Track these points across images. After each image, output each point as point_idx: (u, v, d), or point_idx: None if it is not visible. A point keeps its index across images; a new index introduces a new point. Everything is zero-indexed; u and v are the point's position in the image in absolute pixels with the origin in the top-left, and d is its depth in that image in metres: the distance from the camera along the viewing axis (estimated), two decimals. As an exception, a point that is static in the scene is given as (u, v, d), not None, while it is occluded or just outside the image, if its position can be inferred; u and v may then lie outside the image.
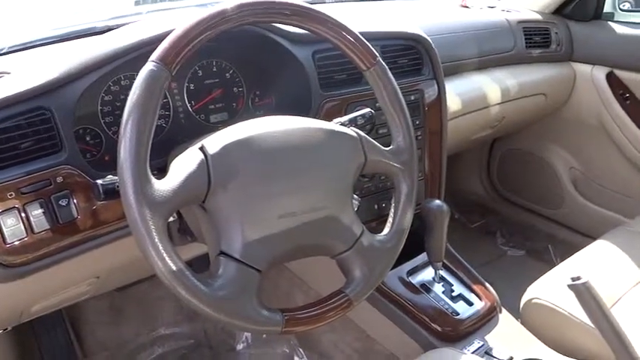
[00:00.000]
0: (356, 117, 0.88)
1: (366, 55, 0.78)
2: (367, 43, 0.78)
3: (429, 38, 1.17)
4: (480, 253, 1.82)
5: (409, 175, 0.81)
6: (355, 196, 0.79)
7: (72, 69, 0.74)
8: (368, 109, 0.90)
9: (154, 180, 0.60)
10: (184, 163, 0.64)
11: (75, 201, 0.74)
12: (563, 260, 1.25)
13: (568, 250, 1.48)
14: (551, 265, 1.75)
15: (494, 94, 1.51)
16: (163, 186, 0.60)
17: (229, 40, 0.95)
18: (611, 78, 1.65)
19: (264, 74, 1.03)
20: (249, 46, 0.98)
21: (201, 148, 0.65)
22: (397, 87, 0.81)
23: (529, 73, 1.65)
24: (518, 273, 1.75)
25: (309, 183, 0.70)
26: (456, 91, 1.39)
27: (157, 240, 0.58)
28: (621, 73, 1.64)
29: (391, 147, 0.81)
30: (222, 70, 1.00)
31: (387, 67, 0.80)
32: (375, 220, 1.11)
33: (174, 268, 0.58)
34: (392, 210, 0.81)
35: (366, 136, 0.78)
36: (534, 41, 1.67)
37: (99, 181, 0.67)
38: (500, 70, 1.58)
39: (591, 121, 1.75)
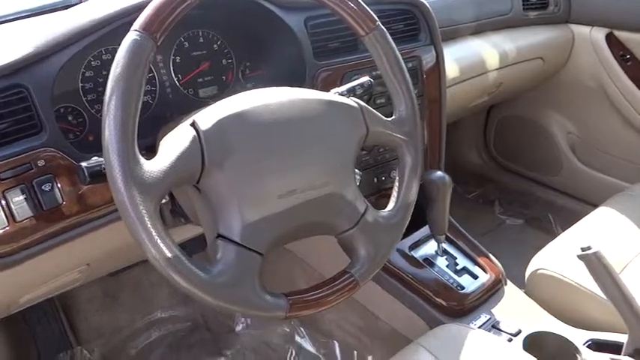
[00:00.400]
0: (354, 86, 0.85)
1: (365, 20, 0.73)
2: (366, 6, 0.73)
3: (425, 2, 1.12)
4: (478, 223, 1.80)
5: (413, 146, 0.78)
6: (357, 170, 0.76)
7: (48, 43, 0.69)
8: (367, 78, 0.86)
9: (142, 160, 0.56)
10: (175, 141, 0.60)
11: (59, 185, 0.70)
12: (563, 228, 1.24)
13: (568, 217, 1.47)
14: (552, 233, 1.77)
15: (491, 60, 1.47)
16: (153, 166, 0.56)
17: (216, 9, 0.91)
18: (610, 39, 1.62)
19: (254, 44, 0.99)
20: (238, 14, 0.93)
21: (193, 124, 0.61)
22: (398, 53, 0.77)
23: (526, 36, 1.61)
24: (518, 242, 1.76)
25: (309, 158, 0.66)
26: (453, 58, 1.36)
27: (149, 225, 0.54)
28: (621, 34, 1.60)
29: (393, 117, 0.78)
30: (210, 41, 0.96)
31: (386, 31, 0.76)
32: (374, 195, 1.09)
33: (169, 254, 0.55)
34: (396, 184, 0.78)
35: (367, 106, 0.74)
36: (531, 3, 1.63)
37: (83, 164, 0.62)
38: (497, 34, 1.54)
39: (590, 85, 1.72)
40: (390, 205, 0.76)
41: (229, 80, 0.98)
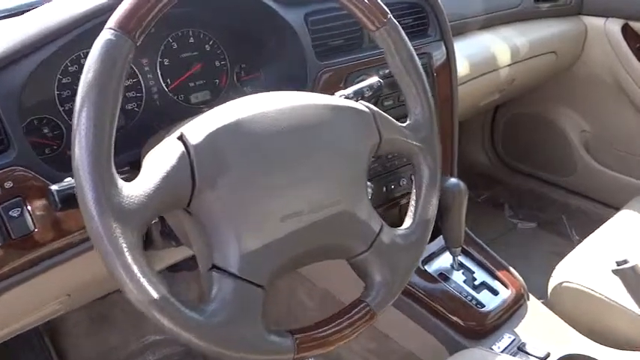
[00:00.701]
0: (362, 88, 0.77)
1: (375, 13, 0.66)
2: None
3: (436, -5, 1.05)
4: (488, 228, 1.73)
5: (431, 154, 0.70)
6: (369, 182, 0.68)
7: (9, 48, 0.61)
8: (376, 79, 0.79)
9: (121, 182, 0.48)
10: (160, 158, 0.52)
11: (30, 209, 0.62)
12: (579, 232, 1.16)
13: (584, 220, 1.40)
14: (567, 237, 1.69)
15: (503, 55, 1.40)
16: (134, 189, 0.48)
17: (207, 6, 0.83)
18: (626, 31, 1.55)
19: (249, 44, 0.92)
20: (231, 11, 0.85)
21: (181, 138, 0.53)
22: (412, 49, 0.69)
23: (538, 29, 1.54)
24: (532, 248, 1.68)
25: (315, 173, 0.58)
26: (463, 54, 1.28)
27: (129, 261, 0.46)
28: (638, 25, 1.53)
29: (408, 122, 0.70)
30: (201, 42, 0.88)
31: (399, 25, 0.68)
32: (382, 205, 1.01)
33: (155, 295, 0.47)
34: (413, 197, 0.70)
35: (379, 111, 0.66)
36: (542, -6, 1.55)
37: (54, 187, 0.54)
38: (507, 27, 1.48)
39: (605, 79, 1.65)
40: (407, 222, 0.68)
41: (223, 84, 0.91)
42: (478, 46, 1.37)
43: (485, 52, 1.37)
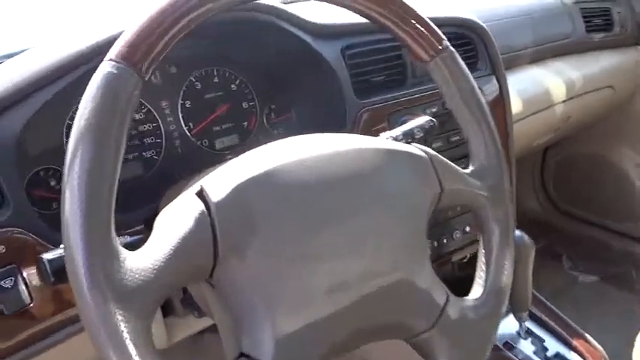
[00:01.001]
0: (412, 129, 0.68)
1: (429, 40, 0.57)
2: (432, 23, 0.57)
3: (484, 25, 0.97)
4: (546, 282, 1.57)
5: (501, 205, 0.60)
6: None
7: (1, 92, 0.54)
8: (427, 118, 0.69)
9: (124, 253, 0.39)
10: (175, 220, 0.42)
11: (26, 277, 0.53)
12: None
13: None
14: (637, 292, 1.53)
15: (558, 91, 1.31)
16: (141, 261, 0.39)
17: (232, 41, 0.76)
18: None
19: (279, 82, 0.85)
20: (259, 46, 0.79)
21: (200, 194, 0.44)
22: (473, 80, 0.60)
23: (592, 62, 1.46)
24: (599, 305, 1.52)
25: (365, 233, 0.48)
26: (514, 90, 1.18)
27: (134, 356, 0.36)
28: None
29: (471, 167, 0.60)
30: (227, 81, 0.82)
31: (457, 53, 0.59)
32: (433, 263, 0.89)
33: None
34: (482, 258, 0.59)
35: (438, 155, 0.57)
36: (595, 24, 1.48)
37: (46, 256, 0.45)
38: (559, 60, 1.40)
39: (668, 114, 1.53)
40: (477, 291, 0.57)
41: (252, 127, 0.84)
42: (529, 80, 1.28)
43: (538, 88, 1.28)
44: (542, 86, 1.29)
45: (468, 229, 0.95)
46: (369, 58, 0.83)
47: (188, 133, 0.77)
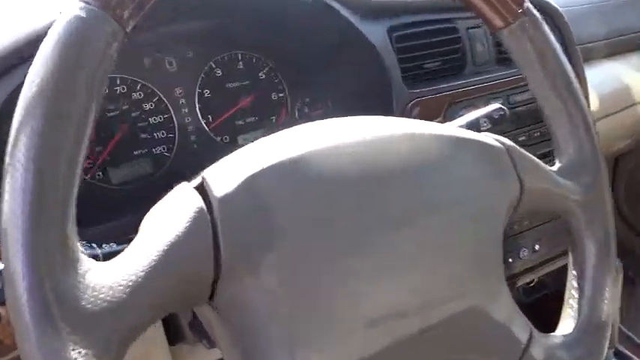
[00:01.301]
0: (478, 119, 0.57)
1: (507, 4, 0.45)
2: None
3: (560, 9, 0.85)
4: (622, 311, 1.41)
5: (599, 213, 0.47)
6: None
7: None
8: (497, 105, 0.57)
9: (87, 262, 0.28)
10: (163, 221, 0.32)
11: None
12: None
13: None
14: None
15: (639, 88, 1.16)
16: (109, 276, 0.28)
17: (261, 21, 0.67)
18: None
19: (315, 70, 0.76)
20: (293, 29, 0.70)
21: (200, 187, 0.33)
22: (562, 53, 0.47)
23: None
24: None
25: (424, 246, 0.36)
26: (589, 86, 1.05)
27: None
28: None
29: (558, 164, 0.47)
30: (253, 67, 0.74)
31: (542, 19, 0.47)
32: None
33: None
34: (573, 283, 0.46)
35: (515, 146, 0.44)
36: (679, 15, 1.31)
37: None
38: (636, 55, 1.23)
39: None
40: (568, 325, 0.45)
41: (281, 121, 0.75)
42: (606, 76, 1.14)
43: (616, 84, 1.14)
44: (620, 82, 1.15)
45: (537, 247, 0.82)
46: (421, 40, 0.72)
47: (206, 127, 0.69)
